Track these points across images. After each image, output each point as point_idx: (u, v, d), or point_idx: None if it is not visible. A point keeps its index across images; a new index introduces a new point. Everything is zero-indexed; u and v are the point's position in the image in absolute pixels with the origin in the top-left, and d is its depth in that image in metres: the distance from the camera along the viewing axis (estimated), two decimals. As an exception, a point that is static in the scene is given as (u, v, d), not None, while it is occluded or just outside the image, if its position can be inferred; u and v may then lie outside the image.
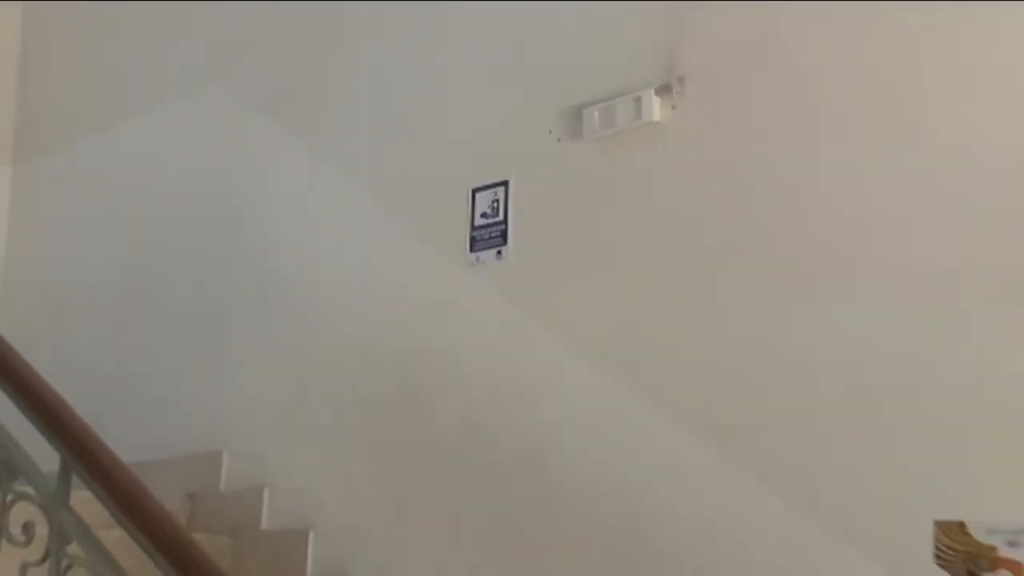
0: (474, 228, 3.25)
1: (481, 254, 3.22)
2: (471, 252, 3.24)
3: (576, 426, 2.95)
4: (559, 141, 3.09)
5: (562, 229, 3.08)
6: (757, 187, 2.72)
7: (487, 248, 3.21)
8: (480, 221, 3.24)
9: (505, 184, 3.20)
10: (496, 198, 3.22)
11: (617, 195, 2.98)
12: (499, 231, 3.20)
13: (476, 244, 3.24)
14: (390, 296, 3.48)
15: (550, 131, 3.11)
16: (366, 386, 3.49)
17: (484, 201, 3.24)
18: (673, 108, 2.87)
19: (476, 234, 3.24)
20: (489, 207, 3.23)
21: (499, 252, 3.19)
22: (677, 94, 2.87)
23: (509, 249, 3.17)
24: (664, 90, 2.88)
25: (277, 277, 3.85)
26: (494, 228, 3.21)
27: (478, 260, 3.23)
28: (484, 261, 3.21)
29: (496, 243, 3.20)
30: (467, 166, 3.31)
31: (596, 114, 2.99)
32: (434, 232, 3.37)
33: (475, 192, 3.26)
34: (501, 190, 3.21)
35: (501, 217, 3.20)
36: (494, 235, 3.21)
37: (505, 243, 3.18)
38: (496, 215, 3.21)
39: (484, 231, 3.23)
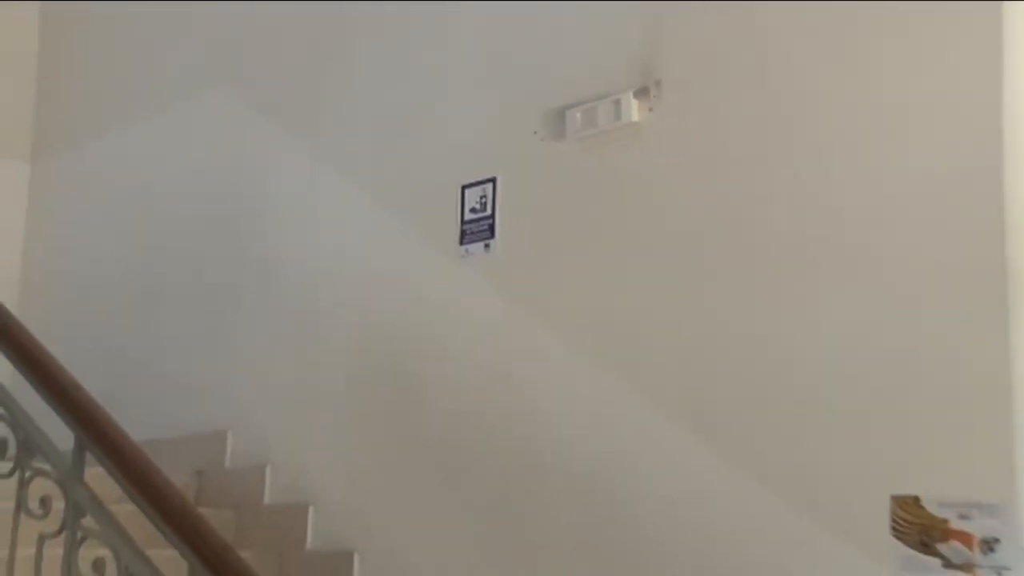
0: (464, 222, 3.31)
1: (470, 247, 3.29)
2: (461, 245, 3.31)
3: (551, 400, 3.03)
4: (543, 141, 3.15)
5: (546, 223, 3.14)
6: (728, 184, 2.77)
7: (476, 241, 3.28)
8: (469, 216, 3.30)
9: (493, 181, 3.27)
10: (484, 194, 3.28)
11: (598, 191, 3.04)
12: (487, 225, 3.26)
13: (465, 237, 3.31)
14: (385, 285, 3.54)
15: (535, 131, 3.17)
16: (362, 370, 3.55)
17: (473, 197, 3.30)
18: (650, 110, 2.93)
19: (466, 228, 3.31)
20: (478, 203, 3.29)
21: (487, 245, 3.25)
22: (654, 97, 2.92)
23: (496, 242, 3.24)
24: (642, 93, 2.94)
25: (279, 269, 3.91)
26: (482, 222, 3.27)
27: (467, 252, 3.30)
28: (473, 253, 3.28)
29: (484, 236, 3.26)
30: (457, 164, 3.36)
31: (578, 115, 3.04)
32: (426, 226, 3.43)
33: (464, 189, 3.32)
34: (489, 187, 3.27)
35: (489, 212, 3.26)
36: (482, 229, 3.27)
37: (493, 236, 3.24)
38: (484, 210, 3.27)
39: (473, 225, 3.29)
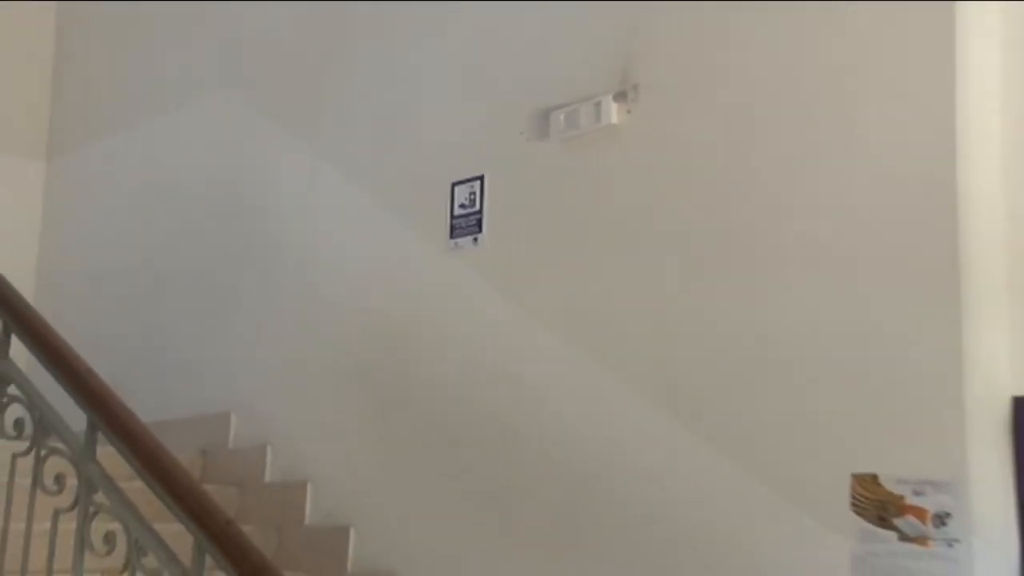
0: (453, 217, 3.41)
1: (459, 240, 3.40)
2: (451, 238, 3.42)
3: (534, 378, 3.14)
4: (529, 141, 3.25)
5: (531, 218, 3.25)
6: (701, 182, 2.87)
7: (465, 235, 3.39)
8: (459, 211, 3.40)
9: (481, 179, 3.37)
10: (473, 191, 3.38)
11: (579, 189, 3.14)
12: (475, 220, 3.36)
13: (455, 231, 3.41)
14: (380, 275, 3.65)
15: (521, 132, 3.27)
16: (359, 356, 3.67)
17: (462, 194, 3.40)
18: (629, 112, 3.03)
19: (455, 223, 3.41)
20: (467, 199, 3.39)
21: (475, 239, 3.36)
22: (632, 100, 3.02)
23: (484, 236, 3.34)
24: (621, 96, 3.04)
25: (280, 260, 4.02)
26: (471, 218, 3.37)
27: (457, 245, 3.40)
28: (462, 246, 3.39)
29: (473, 231, 3.36)
30: (447, 163, 3.47)
31: (561, 117, 3.14)
32: (419, 221, 3.54)
33: (454, 186, 3.43)
34: (477, 184, 3.37)
35: (477, 208, 3.36)
36: (471, 224, 3.37)
37: (481, 231, 3.34)
38: (473, 206, 3.37)
39: (462, 220, 3.39)
